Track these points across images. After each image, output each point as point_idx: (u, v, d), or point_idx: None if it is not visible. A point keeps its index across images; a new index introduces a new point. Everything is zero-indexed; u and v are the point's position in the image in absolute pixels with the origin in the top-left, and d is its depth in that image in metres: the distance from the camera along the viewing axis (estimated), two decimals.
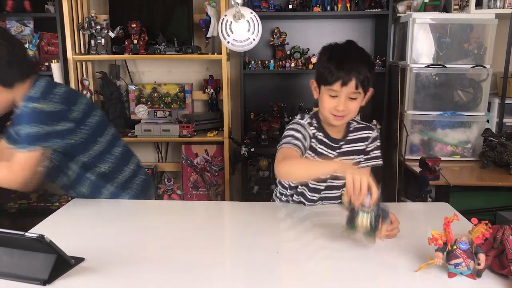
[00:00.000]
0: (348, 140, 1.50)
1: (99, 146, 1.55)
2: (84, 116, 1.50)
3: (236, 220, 1.44)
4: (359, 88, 1.35)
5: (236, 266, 1.12)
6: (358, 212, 1.09)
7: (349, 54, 1.38)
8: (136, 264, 1.09)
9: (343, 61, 1.35)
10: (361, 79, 1.34)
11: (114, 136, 1.64)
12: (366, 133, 1.53)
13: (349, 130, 1.51)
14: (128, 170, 1.64)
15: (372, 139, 1.53)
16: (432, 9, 2.72)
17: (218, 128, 2.93)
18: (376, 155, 1.53)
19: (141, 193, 1.67)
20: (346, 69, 1.33)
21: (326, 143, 1.47)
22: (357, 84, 1.34)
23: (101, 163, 1.56)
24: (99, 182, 1.58)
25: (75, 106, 1.47)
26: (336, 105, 1.36)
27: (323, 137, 1.47)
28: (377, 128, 2.87)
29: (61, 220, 1.43)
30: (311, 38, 3.04)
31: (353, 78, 1.33)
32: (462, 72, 2.60)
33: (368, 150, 1.52)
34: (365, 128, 1.54)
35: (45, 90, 1.42)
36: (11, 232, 1.00)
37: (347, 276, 1.05)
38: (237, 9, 1.47)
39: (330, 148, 1.48)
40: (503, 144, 2.36)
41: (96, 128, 1.54)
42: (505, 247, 1.01)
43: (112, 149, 1.60)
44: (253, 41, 1.59)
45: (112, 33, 2.70)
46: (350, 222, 1.11)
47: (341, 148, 1.49)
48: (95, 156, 1.54)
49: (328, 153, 1.47)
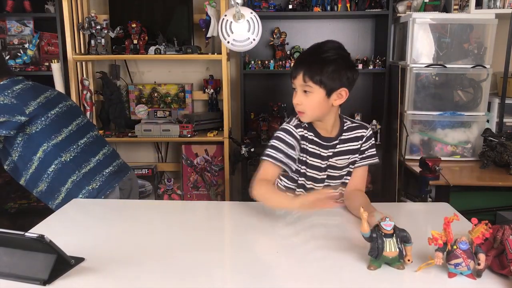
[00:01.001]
0: (342, 139, 1.49)
1: (62, 136, 1.65)
2: (44, 110, 1.63)
3: (236, 220, 1.44)
4: (308, 81, 1.36)
5: (236, 266, 1.12)
6: (383, 240, 1.03)
7: (310, 50, 1.43)
8: (136, 264, 1.09)
9: (300, 56, 1.46)
10: (312, 72, 1.35)
11: (82, 127, 1.73)
12: (360, 132, 1.52)
13: (343, 129, 1.50)
14: (94, 160, 1.70)
15: (367, 138, 1.52)
16: (432, 9, 2.72)
17: (218, 128, 2.94)
18: (371, 154, 1.53)
19: (106, 185, 1.70)
20: (298, 62, 1.41)
21: (317, 143, 1.47)
22: (304, 76, 1.36)
23: (65, 152, 1.63)
24: (63, 171, 1.63)
25: (33, 101, 1.61)
26: (294, 99, 1.41)
27: (313, 137, 1.47)
28: (376, 128, 2.89)
29: (61, 220, 1.43)
30: (311, 38, 3.02)
31: (300, 70, 1.37)
32: (462, 72, 2.60)
33: (363, 149, 1.52)
34: (359, 127, 1.53)
35: (4, 86, 1.58)
36: (11, 232, 1.00)
37: (347, 276, 1.05)
38: (237, 9, 1.47)
39: (323, 147, 1.47)
40: (503, 144, 2.35)
41: (59, 120, 1.66)
42: (505, 247, 1.01)
43: (78, 139, 1.69)
44: (253, 41, 1.59)
45: (112, 33, 2.70)
46: (375, 252, 1.03)
47: (335, 147, 1.49)
48: (56, 145, 1.62)
49: (321, 152, 1.48)
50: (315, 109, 1.40)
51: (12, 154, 1.64)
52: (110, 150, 1.80)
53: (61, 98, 1.76)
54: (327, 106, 1.40)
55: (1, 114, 1.54)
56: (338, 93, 1.39)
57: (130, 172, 1.83)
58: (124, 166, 1.82)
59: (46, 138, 1.62)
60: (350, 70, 1.40)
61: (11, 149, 1.63)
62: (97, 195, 1.66)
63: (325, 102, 1.39)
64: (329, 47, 1.40)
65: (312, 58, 1.39)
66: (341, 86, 1.38)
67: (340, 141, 1.49)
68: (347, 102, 1.42)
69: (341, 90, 1.39)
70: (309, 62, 1.38)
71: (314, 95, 1.37)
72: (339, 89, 1.38)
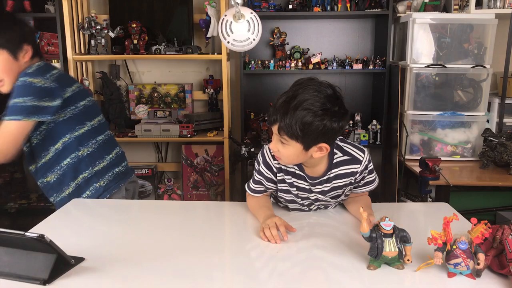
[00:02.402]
0: (330, 178, 1.35)
1: (85, 129, 1.62)
2: (75, 98, 1.58)
3: (236, 220, 1.44)
4: (283, 134, 1.20)
5: (236, 266, 1.12)
6: (383, 240, 1.03)
7: (287, 97, 1.22)
8: (136, 264, 1.09)
9: (277, 102, 1.24)
10: (284, 126, 1.18)
11: (102, 124, 1.71)
12: (351, 168, 1.35)
13: (332, 165, 1.35)
14: (107, 158, 1.69)
15: (361, 172, 1.36)
16: (432, 9, 2.72)
17: (218, 128, 2.94)
18: (369, 181, 1.41)
19: (113, 184, 1.69)
20: (274, 110, 1.23)
21: (302, 177, 1.36)
22: (279, 130, 1.21)
23: (83, 147, 1.61)
24: (77, 166, 1.61)
25: (69, 87, 1.57)
26: (270, 145, 1.30)
27: (296, 170, 1.35)
28: (376, 128, 2.89)
29: (61, 220, 1.43)
30: (311, 38, 3.04)
31: (275, 122, 1.22)
32: (462, 72, 2.60)
33: (358, 180, 1.39)
34: (351, 161, 1.35)
35: (41, 68, 1.51)
36: (11, 232, 1.00)
37: (347, 276, 1.05)
38: (237, 9, 1.47)
39: (310, 184, 1.37)
40: (503, 144, 2.36)
41: (86, 112, 1.63)
42: (504, 247, 1.01)
43: (97, 135, 1.67)
44: (253, 41, 1.59)
45: (112, 33, 2.71)
46: (375, 252, 1.03)
47: (322, 185, 1.36)
48: (77, 138, 1.59)
49: (305, 186, 1.38)
50: (293, 159, 1.28)
51: (31, 139, 1.58)
52: (121, 151, 1.80)
53: (88, 92, 1.76)
54: (305, 157, 1.26)
55: (44, 98, 1.46)
56: (318, 147, 1.23)
57: (133, 174, 1.83)
58: (130, 168, 1.83)
59: (70, 129, 1.57)
60: (336, 122, 1.19)
61: (31, 134, 1.56)
62: (102, 193, 1.64)
63: (302, 154, 1.24)
64: (309, 96, 1.18)
65: (288, 109, 1.18)
66: (321, 142, 1.22)
67: (328, 180, 1.36)
68: (347, 102, 1.34)
69: (321, 145, 1.23)
70: (284, 114, 1.18)
71: (290, 147, 1.23)
72: (319, 144, 1.22)
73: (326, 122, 1.17)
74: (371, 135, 2.93)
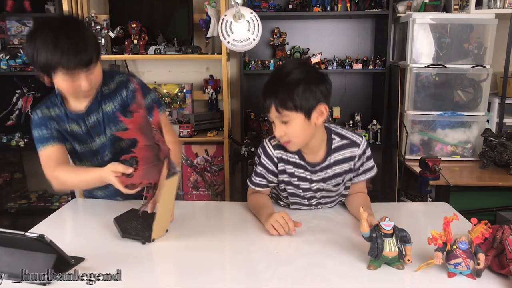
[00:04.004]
0: (330, 164, 1.39)
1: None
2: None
3: (236, 220, 1.44)
4: (282, 110, 1.26)
5: (236, 266, 1.12)
6: (383, 240, 1.03)
7: (272, 78, 1.32)
8: (136, 264, 1.09)
9: (265, 87, 1.31)
10: (280, 101, 1.25)
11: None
12: (350, 151, 1.40)
13: (331, 150, 1.39)
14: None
15: (359, 156, 1.40)
16: (432, 9, 2.72)
17: (218, 128, 2.94)
18: (368, 168, 1.44)
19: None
20: (265, 94, 1.30)
21: (303, 166, 1.39)
22: (276, 107, 1.26)
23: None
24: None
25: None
26: (275, 133, 1.32)
27: (297, 159, 1.39)
28: (376, 128, 2.89)
29: (61, 220, 1.44)
30: (311, 38, 3.04)
31: (271, 102, 1.27)
32: (462, 72, 2.60)
33: (357, 166, 1.42)
34: (350, 145, 1.40)
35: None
36: (11, 232, 1.00)
37: (347, 276, 1.05)
38: (237, 9, 1.47)
39: (309, 171, 1.40)
40: (503, 144, 2.36)
41: None
42: (504, 247, 1.01)
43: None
44: (253, 41, 1.60)
45: (112, 33, 2.70)
46: (375, 252, 1.03)
47: (324, 171, 1.39)
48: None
49: (306, 176, 1.40)
50: (300, 135, 1.30)
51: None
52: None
53: None
54: (311, 128, 1.30)
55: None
56: (317, 110, 1.28)
57: None
58: None
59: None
60: (321, 82, 1.29)
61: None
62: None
63: (307, 125, 1.28)
64: (290, 68, 1.29)
65: (277, 85, 1.27)
66: (318, 103, 1.27)
67: (328, 166, 1.39)
68: (347, 102, 1.39)
69: (320, 106, 1.28)
70: (276, 90, 1.26)
71: (294, 122, 1.27)
72: (317, 106, 1.27)
73: (313, 82, 1.27)
74: (371, 135, 2.92)
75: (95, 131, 1.44)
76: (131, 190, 1.19)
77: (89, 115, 1.42)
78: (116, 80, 1.45)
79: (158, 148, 1.14)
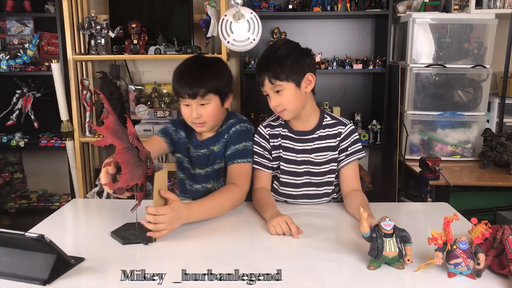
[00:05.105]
0: (319, 136, 1.52)
1: None
2: None
3: (236, 220, 1.44)
4: (275, 81, 1.43)
5: (236, 266, 1.11)
6: (383, 240, 1.03)
7: (264, 55, 1.51)
8: (136, 264, 1.09)
9: (258, 63, 1.54)
10: (273, 73, 1.43)
11: None
12: (337, 129, 1.53)
13: (321, 125, 1.53)
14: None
15: (345, 135, 1.52)
16: (432, 9, 2.72)
17: None
18: (356, 149, 1.53)
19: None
20: (258, 69, 1.50)
21: (290, 137, 1.54)
22: (270, 79, 1.44)
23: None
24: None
25: None
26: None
27: (287, 132, 1.55)
28: (376, 128, 2.89)
29: (61, 220, 1.43)
30: (311, 38, 3.04)
31: (265, 75, 1.45)
32: (462, 72, 2.60)
33: (345, 146, 1.52)
34: (338, 123, 1.54)
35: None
36: (11, 232, 1.00)
37: (347, 276, 1.05)
38: (237, 9, 1.47)
39: (295, 141, 1.53)
40: (503, 144, 2.36)
41: None
42: (504, 247, 1.01)
43: None
44: (253, 41, 1.60)
45: (112, 33, 2.70)
46: (375, 252, 1.03)
47: (312, 142, 1.52)
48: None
49: (294, 146, 1.53)
50: (293, 102, 1.46)
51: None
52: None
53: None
54: (301, 95, 1.46)
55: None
56: (305, 80, 1.45)
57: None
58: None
59: None
60: (307, 56, 1.48)
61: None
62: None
63: (298, 93, 1.45)
64: (279, 45, 1.49)
65: (270, 60, 1.46)
66: (305, 73, 1.45)
67: (317, 137, 1.52)
68: (347, 102, 1.42)
69: (307, 75, 1.45)
70: (268, 65, 1.45)
71: (286, 91, 1.44)
72: (305, 75, 1.45)
73: (300, 55, 1.46)
74: (371, 135, 2.92)
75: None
76: (119, 194, 1.21)
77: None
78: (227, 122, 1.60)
79: (137, 150, 1.17)
